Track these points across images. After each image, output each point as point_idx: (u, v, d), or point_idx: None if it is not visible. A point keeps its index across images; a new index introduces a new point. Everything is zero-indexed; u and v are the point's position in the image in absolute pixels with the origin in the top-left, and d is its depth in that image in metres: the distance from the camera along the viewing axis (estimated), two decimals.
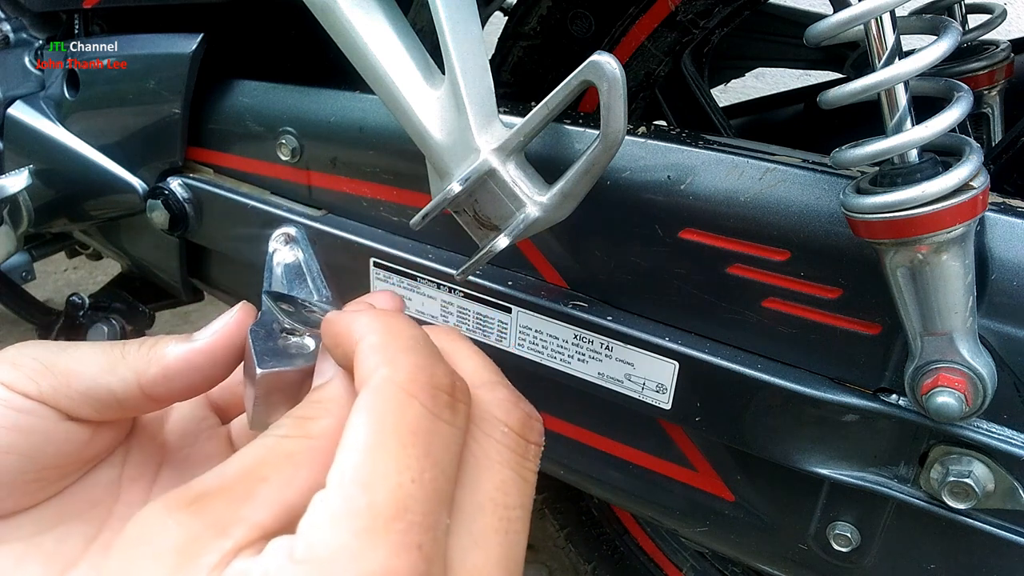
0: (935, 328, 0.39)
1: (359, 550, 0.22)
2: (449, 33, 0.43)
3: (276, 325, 0.33)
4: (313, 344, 0.32)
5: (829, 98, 0.38)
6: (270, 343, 0.32)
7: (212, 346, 0.32)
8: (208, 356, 0.32)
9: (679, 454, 0.55)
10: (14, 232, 0.83)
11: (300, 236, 0.40)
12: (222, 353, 0.32)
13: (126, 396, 0.31)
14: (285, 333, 0.33)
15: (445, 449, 0.25)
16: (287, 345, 0.32)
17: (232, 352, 0.33)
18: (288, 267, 0.38)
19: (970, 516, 0.44)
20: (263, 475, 0.25)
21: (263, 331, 0.32)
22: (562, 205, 0.44)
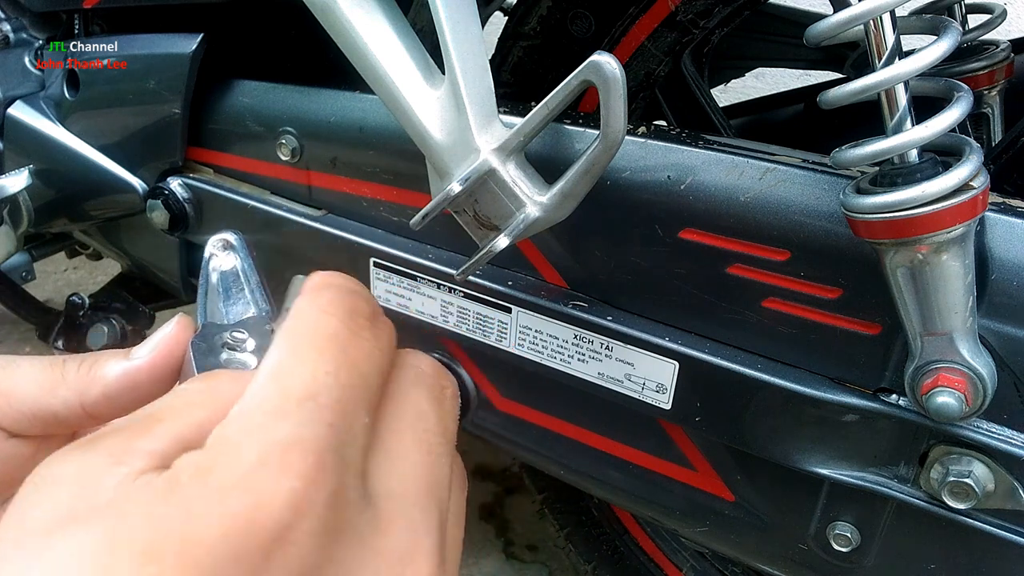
0: (935, 328, 0.39)
1: (266, 426, 0.22)
2: (449, 33, 0.43)
3: (218, 339, 0.32)
4: (255, 362, 0.32)
5: (829, 98, 0.38)
6: (212, 358, 0.32)
7: (152, 363, 0.32)
8: (148, 373, 0.32)
9: (679, 454, 0.55)
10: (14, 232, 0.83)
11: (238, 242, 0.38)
12: (162, 369, 0.32)
13: (68, 416, 0.32)
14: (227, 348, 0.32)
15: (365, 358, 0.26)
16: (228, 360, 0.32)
17: (172, 367, 0.33)
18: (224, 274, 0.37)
19: (970, 516, 0.44)
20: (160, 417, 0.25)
21: (204, 345, 0.32)
22: (562, 205, 0.44)
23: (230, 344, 0.32)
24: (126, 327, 0.94)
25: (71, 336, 0.97)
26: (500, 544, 1.10)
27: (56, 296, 1.58)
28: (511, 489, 1.19)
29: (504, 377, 0.60)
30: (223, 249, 0.38)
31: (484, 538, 1.10)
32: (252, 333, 0.33)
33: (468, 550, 1.08)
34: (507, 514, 1.15)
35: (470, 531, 1.11)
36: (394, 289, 0.60)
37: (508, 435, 0.62)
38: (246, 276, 0.37)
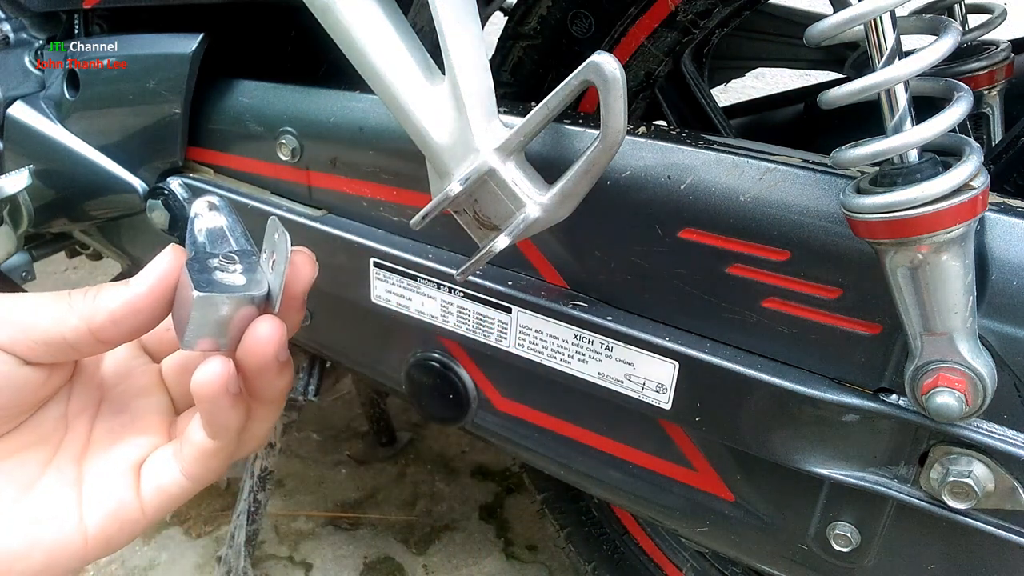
0: (935, 328, 0.39)
1: None
2: (449, 33, 0.42)
3: (211, 262, 0.36)
4: (244, 280, 0.36)
5: (829, 98, 0.38)
6: (205, 274, 0.35)
7: (152, 288, 0.36)
8: (149, 299, 0.36)
9: (679, 454, 0.55)
10: (14, 232, 0.83)
11: (222, 204, 0.41)
12: (160, 294, 0.36)
13: (78, 341, 0.35)
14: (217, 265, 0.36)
15: None
16: (221, 277, 0.36)
17: (168, 290, 0.36)
18: (211, 231, 0.39)
19: (970, 516, 0.44)
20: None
21: (198, 264, 0.36)
22: (562, 205, 0.44)
23: (220, 267, 0.36)
24: None
25: None
26: (500, 544, 1.10)
27: None
28: (511, 489, 1.19)
29: (504, 377, 0.60)
30: (209, 210, 0.40)
31: (484, 538, 1.11)
32: (241, 260, 0.37)
33: (468, 550, 1.08)
34: (507, 514, 1.15)
35: (470, 531, 1.11)
36: (394, 289, 0.60)
37: (508, 435, 0.62)
38: (231, 231, 0.40)
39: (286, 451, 1.23)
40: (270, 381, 0.37)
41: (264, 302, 0.37)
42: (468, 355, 0.61)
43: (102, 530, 0.38)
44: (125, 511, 0.38)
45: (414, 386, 0.65)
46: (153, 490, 0.39)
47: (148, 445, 0.41)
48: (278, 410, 0.40)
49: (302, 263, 0.38)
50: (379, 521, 1.13)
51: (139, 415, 0.42)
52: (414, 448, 1.27)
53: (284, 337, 0.36)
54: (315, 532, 1.12)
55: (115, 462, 0.39)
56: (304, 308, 0.40)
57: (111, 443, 0.40)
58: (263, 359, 0.36)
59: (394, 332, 0.65)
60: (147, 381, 0.43)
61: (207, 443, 0.38)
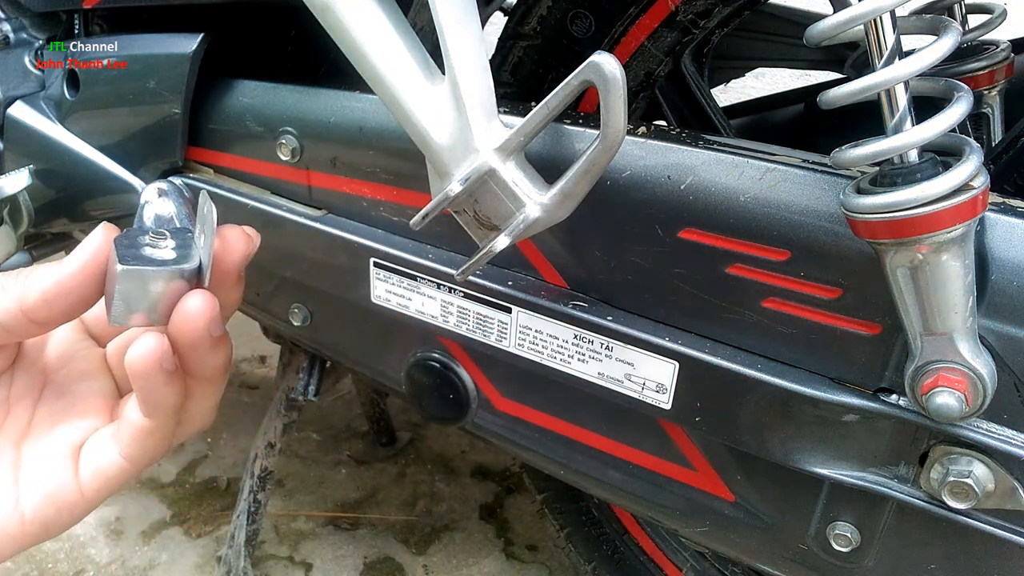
0: (935, 328, 0.39)
1: None
2: (449, 33, 0.42)
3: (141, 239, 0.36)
4: (175, 255, 0.36)
5: (829, 98, 0.38)
6: (132, 249, 0.35)
7: (83, 267, 0.35)
8: (80, 278, 0.35)
9: (679, 454, 0.55)
10: (14, 232, 0.83)
11: (171, 190, 0.41)
12: (92, 272, 0.35)
13: (12, 323, 0.35)
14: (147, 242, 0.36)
15: None
16: (150, 252, 0.35)
17: (100, 268, 0.36)
18: (160, 217, 0.39)
19: (970, 516, 0.44)
20: None
21: (126, 240, 0.35)
22: (562, 205, 0.44)
23: (151, 244, 0.36)
24: None
25: None
26: (500, 544, 1.10)
27: None
28: (511, 489, 1.19)
29: (504, 377, 0.60)
30: (158, 196, 0.40)
31: (484, 538, 1.10)
32: (174, 237, 0.37)
33: (468, 550, 1.08)
34: (507, 514, 1.15)
35: (470, 531, 1.11)
36: (394, 289, 0.60)
37: (508, 435, 0.62)
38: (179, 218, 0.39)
39: (286, 451, 1.23)
40: (204, 357, 0.37)
41: (196, 277, 0.36)
42: (468, 355, 0.61)
43: (39, 513, 0.38)
44: (63, 493, 0.38)
45: (414, 386, 0.65)
46: (91, 472, 0.39)
47: (89, 427, 0.40)
48: (217, 388, 0.40)
49: (234, 237, 0.38)
50: (379, 521, 1.13)
51: (81, 398, 0.41)
52: (414, 448, 1.27)
53: (215, 311, 0.36)
54: (315, 532, 1.12)
55: (54, 444, 0.39)
56: (241, 283, 0.39)
57: (51, 426, 0.40)
58: (194, 334, 0.35)
59: (394, 332, 0.65)
60: (90, 365, 0.42)
61: (143, 422, 0.37)
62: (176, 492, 1.18)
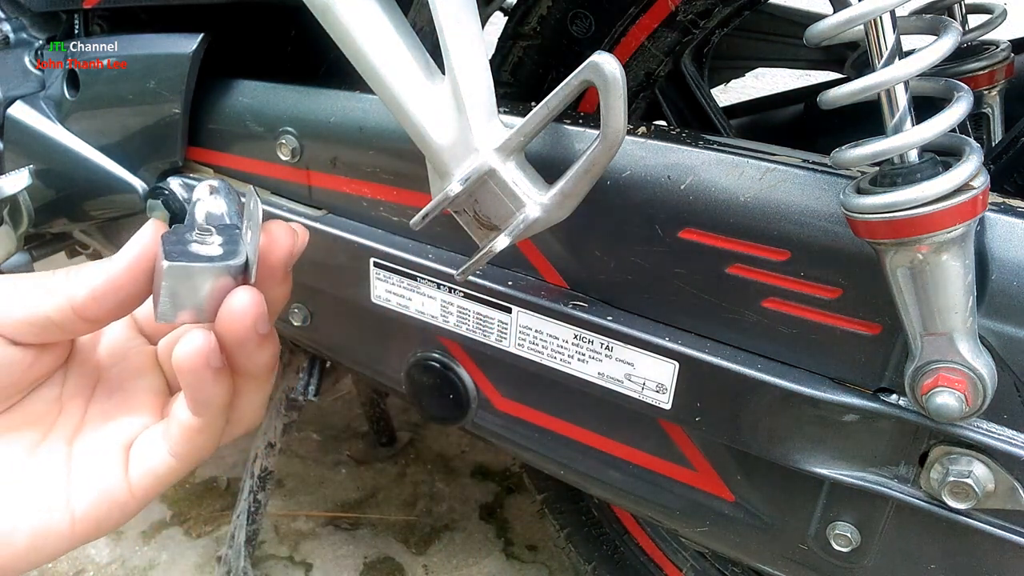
0: (935, 328, 0.39)
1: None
2: (449, 33, 0.42)
3: (188, 235, 0.36)
4: (221, 252, 0.35)
5: (829, 98, 0.38)
6: (179, 245, 0.35)
7: (131, 264, 0.35)
8: (128, 273, 0.35)
9: (679, 454, 0.55)
10: (14, 232, 0.83)
11: (223, 188, 0.40)
12: (140, 268, 0.35)
13: (62, 320, 0.35)
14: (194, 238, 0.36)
15: None
16: (197, 248, 0.35)
17: (147, 264, 0.36)
18: (211, 215, 0.39)
19: (970, 516, 0.44)
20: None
21: (174, 236, 0.35)
22: (562, 205, 0.44)
23: (198, 240, 0.35)
24: None
25: None
26: (500, 544, 1.10)
27: None
28: (511, 489, 1.19)
29: (504, 377, 0.60)
30: (210, 194, 0.40)
31: (484, 538, 1.10)
32: (221, 233, 0.36)
33: (468, 550, 1.08)
34: (507, 514, 1.15)
35: (470, 531, 1.11)
36: (394, 289, 0.60)
37: (508, 435, 0.62)
38: (230, 216, 0.39)
39: (286, 451, 1.23)
40: (251, 354, 0.36)
41: (242, 273, 0.36)
42: (468, 355, 0.61)
43: (90, 512, 0.37)
44: (113, 492, 0.38)
45: (414, 386, 0.65)
46: (141, 471, 0.38)
47: (139, 425, 0.40)
48: (265, 386, 0.39)
49: (280, 233, 0.37)
50: (379, 521, 1.13)
51: (132, 395, 0.41)
52: (414, 448, 1.27)
53: (262, 308, 0.35)
54: (315, 532, 1.12)
55: (105, 442, 0.39)
56: (288, 280, 0.39)
57: (103, 423, 0.40)
58: (241, 330, 0.35)
59: (394, 332, 0.65)
60: (142, 362, 0.42)
61: (192, 420, 0.37)
62: (176, 492, 1.18)
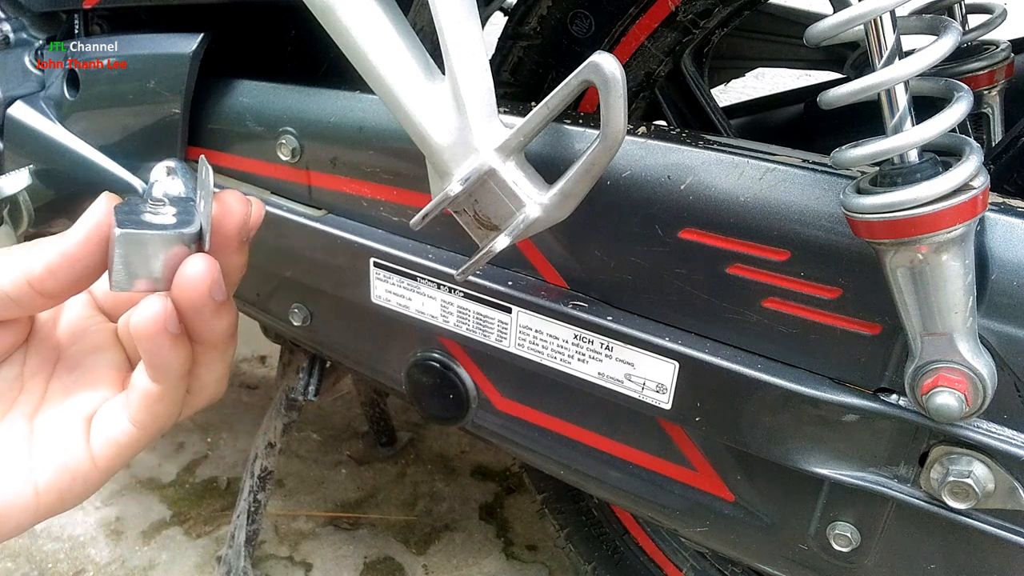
0: (935, 328, 0.39)
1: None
2: (449, 33, 0.42)
3: (141, 206, 0.36)
4: (175, 220, 0.36)
5: (829, 98, 0.38)
6: (132, 216, 0.35)
7: (87, 237, 0.36)
8: (84, 246, 0.36)
9: (679, 454, 0.55)
10: (14, 232, 0.83)
11: (179, 167, 0.41)
12: (95, 241, 0.36)
13: (19, 295, 0.36)
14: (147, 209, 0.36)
15: None
16: (149, 218, 0.36)
17: (102, 238, 0.36)
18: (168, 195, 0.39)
19: (970, 516, 0.44)
20: None
21: (127, 207, 0.36)
22: (562, 205, 0.44)
23: (151, 210, 0.36)
24: None
25: None
26: (500, 544, 1.10)
27: None
28: (511, 489, 1.19)
29: (504, 377, 0.60)
30: (167, 175, 0.40)
31: (484, 538, 1.10)
32: (173, 204, 0.37)
33: (468, 550, 1.08)
34: (507, 514, 1.15)
35: (470, 531, 1.11)
36: (394, 289, 0.60)
37: (508, 435, 0.62)
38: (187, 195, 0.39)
39: (286, 451, 1.23)
40: (208, 321, 0.37)
41: (196, 241, 0.36)
42: (468, 355, 0.61)
43: (52, 483, 0.38)
44: (75, 463, 0.38)
45: (414, 386, 0.65)
46: (103, 441, 0.39)
47: (100, 399, 0.41)
48: (225, 356, 0.40)
49: (233, 202, 0.38)
50: (379, 521, 1.13)
51: (93, 371, 0.41)
52: (414, 448, 1.27)
53: (217, 274, 0.36)
54: (315, 532, 1.12)
55: (65, 416, 0.39)
56: (244, 249, 0.40)
57: (63, 399, 0.40)
58: (196, 297, 0.36)
59: (394, 332, 0.65)
60: (102, 339, 0.43)
61: (151, 387, 0.38)
62: (176, 492, 1.18)
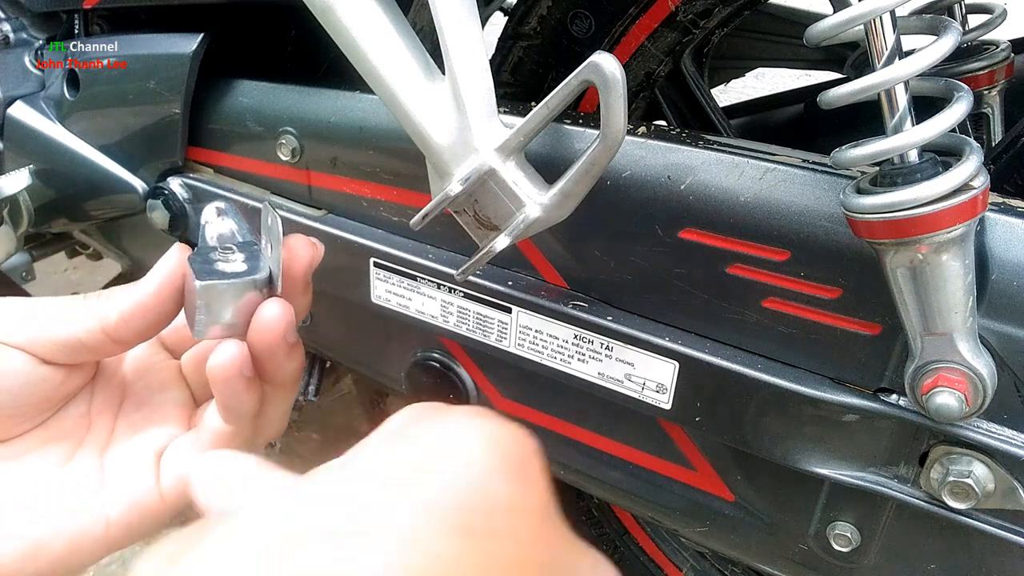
0: (935, 328, 0.39)
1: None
2: (449, 33, 0.42)
3: (212, 255, 0.38)
4: (246, 267, 0.37)
5: (829, 98, 0.38)
6: (207, 265, 0.37)
7: (160, 287, 0.37)
8: (157, 296, 0.37)
9: (679, 454, 0.55)
10: (14, 232, 0.83)
11: (229, 208, 0.42)
12: (168, 292, 0.37)
13: (93, 342, 0.37)
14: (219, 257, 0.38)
15: None
16: (222, 266, 0.37)
17: (176, 289, 0.38)
18: (221, 236, 0.41)
19: (970, 516, 0.44)
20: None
21: (199, 257, 0.37)
22: (562, 205, 0.44)
23: (222, 259, 0.37)
24: None
25: None
26: None
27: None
28: None
29: (504, 377, 0.60)
30: (217, 215, 0.42)
31: None
32: (242, 250, 0.38)
33: None
34: None
35: None
36: (394, 289, 0.60)
37: None
38: (241, 235, 0.41)
39: (286, 451, 1.23)
40: (280, 363, 0.38)
41: (267, 286, 0.38)
42: (468, 355, 0.61)
43: (123, 518, 0.39)
44: (144, 498, 0.39)
45: (414, 386, 0.65)
46: (173, 478, 0.40)
47: (168, 436, 0.42)
48: (291, 394, 0.41)
49: (299, 245, 0.39)
50: None
51: (159, 408, 0.43)
52: None
53: (291, 318, 0.37)
54: None
55: (135, 452, 0.40)
56: (310, 290, 0.41)
57: (132, 435, 0.41)
58: (272, 340, 0.37)
59: (394, 332, 0.65)
60: (167, 376, 0.44)
61: (223, 428, 0.39)
62: None
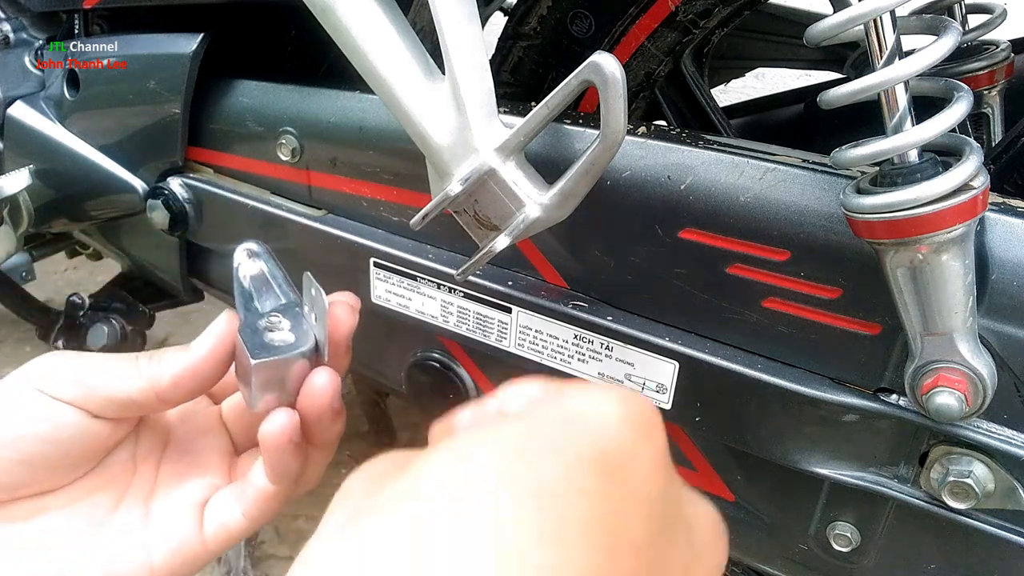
0: (935, 328, 0.39)
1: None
2: (449, 33, 0.42)
3: (260, 324, 0.39)
4: (294, 337, 0.39)
5: (829, 98, 0.38)
6: (258, 339, 0.39)
7: (211, 353, 0.39)
8: (209, 362, 0.39)
9: (679, 454, 0.55)
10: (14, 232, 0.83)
11: (261, 249, 0.44)
12: (218, 358, 0.39)
13: (143, 400, 0.39)
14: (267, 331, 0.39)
15: None
16: (272, 339, 0.39)
17: (226, 355, 0.40)
18: (254, 278, 0.43)
19: (970, 516, 0.44)
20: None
21: (250, 330, 0.39)
22: (562, 205, 0.44)
23: (269, 327, 0.39)
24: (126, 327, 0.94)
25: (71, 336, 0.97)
26: None
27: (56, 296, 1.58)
28: None
29: (504, 377, 0.60)
30: (248, 257, 0.44)
31: None
32: (286, 316, 0.40)
33: None
34: None
35: None
36: (394, 289, 0.60)
37: None
38: (273, 276, 0.43)
39: None
40: (327, 427, 0.40)
41: (314, 354, 0.40)
42: (468, 355, 0.61)
43: (167, 563, 0.41)
44: (188, 546, 0.41)
45: (414, 386, 0.65)
46: (215, 527, 0.42)
47: (210, 485, 0.43)
48: (331, 453, 0.43)
49: (342, 313, 0.41)
50: None
51: (202, 455, 0.44)
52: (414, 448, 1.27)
53: (338, 386, 0.39)
54: None
55: (180, 502, 0.42)
56: (350, 352, 0.43)
57: (176, 483, 0.43)
58: (321, 408, 0.39)
59: (394, 332, 0.65)
60: (208, 422, 0.46)
61: (268, 488, 0.41)
62: None
